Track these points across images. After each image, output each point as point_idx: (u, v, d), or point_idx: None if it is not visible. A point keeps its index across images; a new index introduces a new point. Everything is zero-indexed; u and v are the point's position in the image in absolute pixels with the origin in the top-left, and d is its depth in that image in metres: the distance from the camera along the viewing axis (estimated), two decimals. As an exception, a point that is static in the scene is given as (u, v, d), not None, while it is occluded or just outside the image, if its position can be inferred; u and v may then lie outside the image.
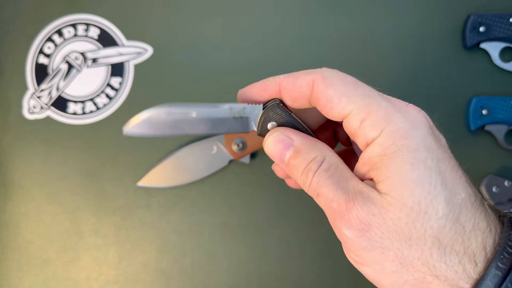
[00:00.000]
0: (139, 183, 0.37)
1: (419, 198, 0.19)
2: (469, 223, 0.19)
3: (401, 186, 0.19)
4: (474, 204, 0.19)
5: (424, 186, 0.19)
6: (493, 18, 0.37)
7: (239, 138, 0.36)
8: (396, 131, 0.20)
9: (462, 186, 0.19)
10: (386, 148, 0.20)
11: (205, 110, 0.25)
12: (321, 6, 0.39)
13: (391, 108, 0.20)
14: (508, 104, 0.36)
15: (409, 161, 0.19)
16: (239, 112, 0.25)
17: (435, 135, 0.20)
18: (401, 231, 0.19)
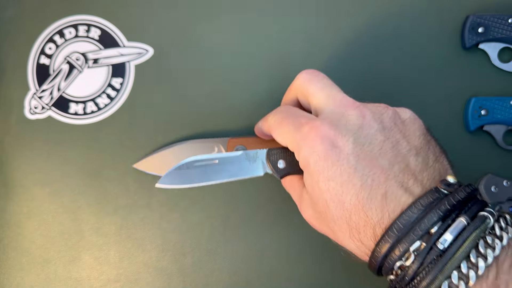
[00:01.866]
0: (135, 165, 0.37)
1: (321, 208, 0.27)
2: (361, 223, 0.25)
3: (312, 199, 0.27)
4: (365, 206, 0.24)
5: (320, 201, 0.26)
6: (492, 19, 0.37)
7: (241, 146, 0.36)
8: (302, 159, 0.27)
9: (352, 194, 0.25)
10: (302, 168, 0.28)
11: (225, 156, 0.30)
12: (320, 7, 0.39)
13: (299, 140, 0.27)
14: (507, 105, 0.37)
15: (310, 182, 0.27)
16: (253, 156, 0.31)
17: (333, 148, 0.26)
18: (326, 228, 0.28)
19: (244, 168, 0.30)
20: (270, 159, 0.31)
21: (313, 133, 0.26)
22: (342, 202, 0.25)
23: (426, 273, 0.22)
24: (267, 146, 0.35)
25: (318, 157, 0.26)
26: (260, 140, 0.36)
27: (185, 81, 0.39)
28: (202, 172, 0.30)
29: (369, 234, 0.25)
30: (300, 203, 0.31)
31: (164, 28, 0.39)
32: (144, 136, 0.39)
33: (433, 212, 0.23)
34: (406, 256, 0.23)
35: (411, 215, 0.23)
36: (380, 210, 0.24)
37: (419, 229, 0.23)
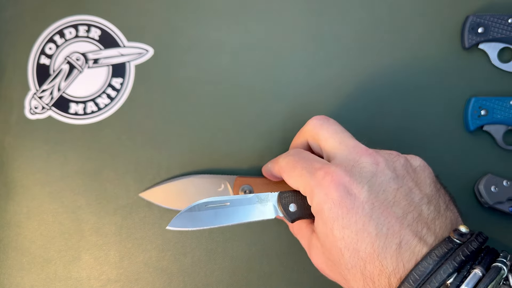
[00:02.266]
0: (141, 194, 0.38)
1: (335, 256, 0.26)
2: (376, 272, 0.24)
3: (325, 246, 0.27)
4: (380, 255, 0.24)
5: (334, 249, 0.26)
6: (491, 19, 0.37)
7: (248, 186, 0.36)
8: (315, 206, 0.27)
9: (367, 243, 0.25)
10: (314, 213, 0.28)
11: (236, 199, 0.30)
12: (320, 7, 0.39)
13: (313, 185, 0.27)
14: (507, 105, 0.37)
15: (323, 230, 0.27)
16: (265, 200, 0.30)
17: (348, 196, 0.26)
18: (338, 276, 0.28)
19: (255, 211, 0.30)
20: (281, 202, 0.30)
21: (328, 179, 0.26)
22: (357, 250, 0.25)
23: None
24: (274, 187, 0.36)
25: (333, 204, 0.26)
26: (267, 182, 0.36)
27: (185, 81, 0.39)
28: (213, 214, 0.29)
29: (383, 284, 0.24)
30: (310, 250, 0.30)
31: (164, 28, 0.39)
32: (144, 136, 0.39)
33: (448, 263, 0.23)
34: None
35: (427, 266, 0.23)
36: (395, 259, 0.24)
37: (435, 281, 0.23)
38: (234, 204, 0.29)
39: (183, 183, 0.37)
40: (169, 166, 0.38)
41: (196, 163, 0.38)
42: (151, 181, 0.38)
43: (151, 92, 0.39)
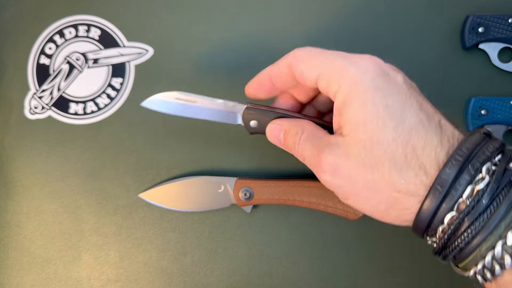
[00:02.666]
0: (140, 195, 0.38)
1: (371, 131, 0.23)
2: (420, 143, 0.23)
3: (356, 125, 0.24)
4: (425, 126, 0.23)
5: (373, 121, 0.23)
6: (492, 19, 0.37)
7: (249, 188, 0.36)
8: (350, 80, 0.24)
9: (412, 113, 0.23)
10: (345, 95, 0.24)
11: (205, 101, 0.31)
12: (319, 7, 0.39)
13: (346, 63, 0.24)
14: (507, 105, 0.37)
15: (360, 102, 0.24)
16: (231, 107, 0.31)
17: (387, 75, 0.24)
18: (362, 163, 0.23)
19: (220, 115, 0.32)
20: (244, 116, 0.31)
21: (365, 59, 0.25)
22: (402, 119, 0.23)
23: (502, 199, 0.21)
24: (274, 190, 0.36)
25: (376, 74, 0.24)
26: (267, 184, 0.36)
27: (185, 81, 0.39)
28: (182, 107, 0.32)
29: (430, 158, 0.23)
30: (322, 149, 0.25)
31: (164, 28, 0.39)
32: (144, 136, 0.39)
33: (491, 142, 0.22)
34: (477, 178, 0.22)
35: (477, 138, 0.23)
36: (439, 133, 0.23)
37: (487, 151, 0.22)
38: (201, 104, 0.31)
39: (183, 184, 0.37)
40: (169, 166, 0.38)
41: (196, 163, 0.38)
42: (151, 181, 0.38)
43: (151, 92, 0.39)
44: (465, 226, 0.21)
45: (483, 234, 0.21)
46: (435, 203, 0.22)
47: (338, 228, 0.38)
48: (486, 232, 0.21)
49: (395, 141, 0.23)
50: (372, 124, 0.23)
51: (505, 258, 0.21)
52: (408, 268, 0.37)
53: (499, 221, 0.21)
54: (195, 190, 0.37)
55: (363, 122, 0.23)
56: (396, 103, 0.23)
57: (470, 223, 0.21)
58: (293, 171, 0.38)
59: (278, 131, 0.29)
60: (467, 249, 0.22)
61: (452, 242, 0.22)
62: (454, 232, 0.22)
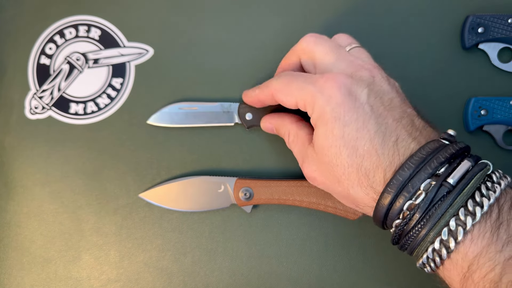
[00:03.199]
0: (141, 195, 0.38)
1: (331, 157, 0.27)
2: (372, 167, 0.26)
3: (322, 149, 0.28)
4: (378, 150, 0.26)
5: (332, 148, 0.27)
6: (491, 19, 0.37)
7: (249, 188, 0.36)
8: (317, 110, 0.28)
9: (366, 140, 0.26)
10: (315, 121, 0.29)
11: (204, 105, 0.37)
12: (319, 8, 0.39)
13: (314, 92, 0.28)
14: (507, 105, 0.37)
15: (323, 131, 0.28)
16: (227, 108, 0.37)
17: (349, 95, 0.27)
18: (329, 178, 0.29)
19: (218, 117, 0.37)
20: (239, 111, 0.36)
21: (330, 82, 0.28)
22: (356, 147, 0.26)
23: (436, 209, 0.24)
24: (274, 189, 0.36)
25: (336, 104, 0.27)
26: (268, 184, 0.36)
27: (185, 81, 0.39)
28: (185, 115, 0.37)
29: (378, 178, 0.26)
30: (304, 159, 0.31)
31: (164, 28, 0.39)
32: (144, 136, 0.39)
33: (441, 154, 0.25)
34: (417, 194, 0.25)
35: (421, 156, 0.25)
36: (392, 154, 0.26)
37: (429, 168, 0.25)
38: (201, 109, 0.37)
39: (183, 184, 0.37)
40: (169, 166, 0.38)
41: (196, 163, 0.38)
42: (151, 181, 0.38)
43: (151, 92, 0.39)
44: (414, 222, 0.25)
45: (431, 223, 0.24)
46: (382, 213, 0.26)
47: (338, 228, 0.38)
48: (433, 220, 0.24)
49: (350, 167, 0.27)
50: (331, 151, 0.27)
51: (450, 241, 0.24)
52: (408, 268, 0.37)
53: (445, 211, 0.24)
54: (195, 190, 0.37)
55: (326, 148, 0.28)
56: (352, 133, 0.27)
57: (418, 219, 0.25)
58: (293, 171, 0.38)
59: (270, 129, 0.35)
60: (418, 237, 0.25)
61: (406, 233, 0.26)
62: (406, 224, 0.25)
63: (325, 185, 0.30)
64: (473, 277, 0.23)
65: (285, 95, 0.30)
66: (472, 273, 0.23)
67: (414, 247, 0.26)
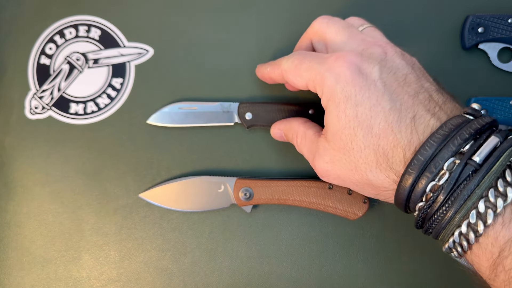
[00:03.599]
0: (141, 195, 0.38)
1: (346, 140, 0.26)
2: (390, 146, 0.25)
3: (334, 134, 0.27)
4: (394, 129, 0.24)
5: (345, 131, 0.26)
6: (491, 19, 0.37)
7: (249, 188, 0.36)
8: (327, 91, 0.27)
9: (381, 118, 0.25)
10: (326, 102, 0.27)
11: (204, 105, 0.37)
12: (319, 8, 0.39)
13: (323, 71, 0.27)
14: (507, 105, 0.37)
15: (335, 114, 0.26)
16: (227, 107, 0.37)
17: (360, 74, 0.26)
18: (345, 167, 0.27)
19: (218, 117, 0.37)
20: (239, 111, 0.36)
21: (339, 61, 0.26)
22: (370, 127, 0.25)
23: (460, 191, 0.22)
24: (274, 189, 0.36)
25: (346, 82, 0.26)
26: (267, 184, 0.36)
27: (185, 81, 0.39)
28: (185, 115, 0.37)
29: (398, 158, 0.24)
30: (315, 153, 0.29)
31: (164, 28, 0.39)
32: (144, 136, 0.39)
33: (464, 130, 0.23)
34: (440, 174, 0.23)
35: (443, 133, 0.23)
36: (410, 132, 0.24)
37: (452, 145, 0.22)
38: (201, 109, 0.37)
39: (183, 184, 0.37)
40: (169, 166, 0.38)
41: (196, 163, 0.38)
42: (151, 181, 0.38)
43: (151, 92, 0.39)
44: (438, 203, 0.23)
45: (457, 205, 0.22)
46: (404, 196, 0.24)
47: (338, 228, 0.38)
48: (459, 202, 0.22)
49: (367, 148, 0.25)
50: (345, 133, 0.26)
51: (478, 224, 0.22)
52: (408, 268, 0.37)
53: (471, 192, 0.22)
54: (195, 190, 0.37)
55: (339, 132, 0.26)
56: (365, 112, 0.25)
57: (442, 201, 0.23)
58: (293, 171, 0.38)
59: (280, 136, 0.35)
60: (443, 220, 0.23)
61: (430, 216, 0.24)
62: (430, 207, 0.23)
63: (339, 177, 0.28)
64: (504, 263, 0.21)
65: (295, 76, 0.29)
66: (503, 259, 0.21)
67: (440, 230, 0.24)
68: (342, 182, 0.28)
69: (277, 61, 0.32)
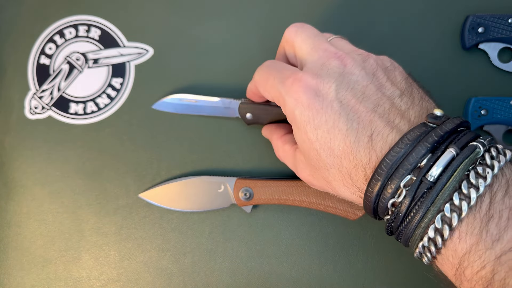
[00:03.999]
0: (140, 195, 0.38)
1: (313, 159, 0.27)
2: (351, 166, 0.25)
3: (304, 153, 0.28)
4: (353, 150, 0.25)
5: (311, 152, 0.26)
6: (491, 19, 0.37)
7: (249, 188, 0.36)
8: (288, 115, 0.28)
9: (339, 140, 0.25)
10: (290, 123, 0.28)
11: (205, 100, 0.37)
12: (319, 8, 0.39)
13: (284, 93, 0.27)
14: (507, 105, 0.37)
15: (299, 136, 0.27)
16: (228, 104, 0.37)
17: (316, 97, 0.26)
18: (321, 180, 0.28)
19: (219, 111, 0.37)
20: (240, 111, 0.36)
21: (295, 85, 0.27)
22: (331, 148, 0.25)
23: (419, 207, 0.22)
24: (274, 190, 0.36)
25: (303, 107, 0.26)
26: (267, 184, 0.36)
27: (185, 81, 0.39)
28: (187, 106, 0.37)
29: (360, 177, 0.25)
30: (296, 166, 0.30)
31: (164, 28, 0.39)
32: (144, 136, 0.39)
33: (420, 145, 0.23)
34: (398, 192, 0.23)
35: (399, 150, 0.23)
36: (368, 151, 0.24)
37: (407, 163, 0.23)
38: (202, 103, 0.37)
39: (183, 184, 0.37)
40: (169, 166, 0.38)
41: (196, 163, 0.38)
42: (151, 181, 0.38)
43: (151, 92, 0.39)
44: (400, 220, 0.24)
45: (415, 222, 0.23)
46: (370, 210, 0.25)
47: (338, 228, 0.38)
48: (425, 206, 0.22)
49: (332, 167, 0.26)
50: (311, 154, 0.27)
51: (436, 239, 0.22)
52: (408, 268, 0.37)
53: (427, 210, 0.22)
54: (195, 190, 0.37)
55: (306, 152, 0.27)
56: (324, 135, 0.26)
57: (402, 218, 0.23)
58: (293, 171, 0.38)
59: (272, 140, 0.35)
60: (411, 225, 0.23)
61: (396, 227, 0.24)
62: (393, 220, 0.24)
63: (322, 188, 0.29)
64: (465, 273, 0.22)
65: (263, 90, 0.30)
66: (463, 270, 0.22)
67: (407, 240, 0.24)
68: (326, 191, 0.29)
69: (254, 73, 0.32)
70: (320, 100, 0.26)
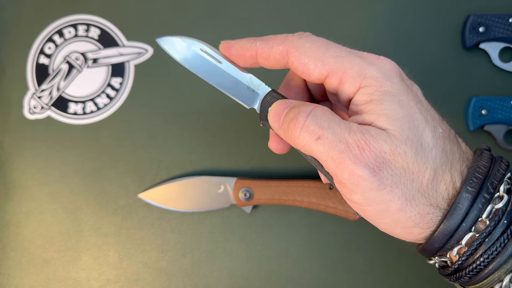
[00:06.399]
0: (140, 195, 0.38)
1: (414, 131, 0.20)
2: (451, 153, 0.20)
3: (398, 121, 0.20)
4: (450, 137, 0.21)
5: (414, 121, 0.20)
6: (492, 19, 0.37)
7: (249, 189, 0.36)
8: (375, 81, 0.21)
9: (437, 122, 0.21)
10: (371, 94, 0.21)
11: (231, 67, 0.27)
12: (319, 8, 0.39)
13: (364, 63, 0.22)
14: (508, 105, 0.37)
15: (396, 101, 0.20)
16: (256, 86, 0.26)
17: (405, 82, 0.22)
18: (406, 166, 0.20)
19: (240, 90, 0.27)
20: (265, 100, 0.26)
21: (383, 61, 0.23)
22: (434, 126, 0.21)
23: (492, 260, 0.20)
24: (274, 190, 0.36)
25: (399, 77, 0.22)
26: (267, 184, 0.36)
27: (184, 81, 0.39)
28: (204, 64, 0.27)
29: (457, 170, 0.21)
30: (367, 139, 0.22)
31: (164, 28, 0.39)
32: (144, 136, 0.39)
33: (499, 158, 0.21)
34: (495, 196, 0.20)
35: (486, 157, 0.21)
36: (456, 144, 0.21)
37: (500, 169, 0.20)
38: (225, 67, 0.27)
39: (183, 184, 0.37)
40: (169, 166, 0.38)
41: (196, 163, 0.38)
42: (151, 181, 0.38)
43: (150, 92, 0.39)
44: (485, 247, 0.20)
45: (503, 256, 0.19)
46: (456, 221, 0.20)
47: (338, 228, 0.37)
48: (506, 253, 0.19)
49: (434, 147, 0.20)
50: (414, 125, 0.20)
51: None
52: (408, 268, 0.37)
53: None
54: (195, 190, 0.37)
55: (406, 121, 0.20)
56: (424, 110, 0.21)
57: (491, 243, 0.20)
58: (293, 171, 0.38)
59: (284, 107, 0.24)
60: (485, 271, 0.20)
61: (470, 263, 0.20)
62: (472, 253, 0.20)
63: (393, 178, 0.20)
64: None
65: (314, 60, 0.23)
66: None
67: (477, 282, 0.21)
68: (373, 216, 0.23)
69: (277, 36, 0.25)
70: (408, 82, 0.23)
